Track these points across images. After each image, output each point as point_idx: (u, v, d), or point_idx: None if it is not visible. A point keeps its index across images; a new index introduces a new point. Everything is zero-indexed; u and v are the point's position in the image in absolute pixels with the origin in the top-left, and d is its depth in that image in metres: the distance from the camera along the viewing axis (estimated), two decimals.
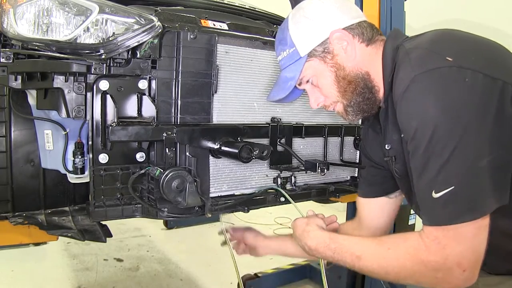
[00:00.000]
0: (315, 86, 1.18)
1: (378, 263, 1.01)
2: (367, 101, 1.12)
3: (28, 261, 3.51)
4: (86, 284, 3.19)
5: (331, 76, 1.12)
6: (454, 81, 0.88)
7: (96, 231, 1.48)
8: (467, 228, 0.88)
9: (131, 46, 1.22)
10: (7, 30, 1.17)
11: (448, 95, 0.88)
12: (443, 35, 1.01)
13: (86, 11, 1.18)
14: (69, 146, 1.43)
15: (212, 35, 1.38)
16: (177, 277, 3.40)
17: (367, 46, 1.12)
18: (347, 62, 1.11)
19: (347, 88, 1.12)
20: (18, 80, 1.25)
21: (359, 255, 1.04)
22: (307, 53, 1.13)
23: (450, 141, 0.87)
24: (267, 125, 1.55)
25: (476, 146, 0.87)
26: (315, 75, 1.15)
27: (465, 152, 0.87)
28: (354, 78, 1.11)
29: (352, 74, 1.11)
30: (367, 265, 1.03)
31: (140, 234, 4.42)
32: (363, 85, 1.11)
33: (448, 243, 0.90)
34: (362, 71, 1.11)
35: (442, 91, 0.89)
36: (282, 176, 1.61)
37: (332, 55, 1.11)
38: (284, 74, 1.20)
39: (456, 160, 0.87)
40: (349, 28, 1.11)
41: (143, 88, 1.30)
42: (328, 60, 1.12)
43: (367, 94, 1.12)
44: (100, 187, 1.31)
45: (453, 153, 0.87)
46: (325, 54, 1.12)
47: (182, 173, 1.29)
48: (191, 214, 1.40)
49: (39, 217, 1.51)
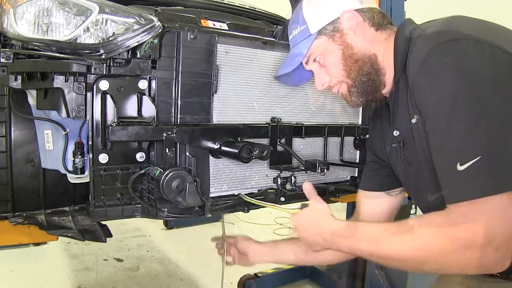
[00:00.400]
0: (321, 66, 1.19)
1: (399, 247, 0.92)
2: (371, 82, 1.13)
3: (28, 261, 3.50)
4: (86, 284, 3.19)
5: (338, 54, 1.14)
6: (472, 53, 0.86)
7: (96, 231, 1.48)
8: (497, 201, 0.80)
9: (131, 46, 1.22)
10: (7, 30, 1.17)
11: (468, 65, 0.86)
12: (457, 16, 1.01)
13: (86, 11, 1.18)
14: (69, 146, 1.43)
15: (212, 35, 1.38)
16: (177, 277, 3.40)
17: (377, 31, 1.14)
18: (355, 42, 1.12)
19: (353, 67, 1.13)
20: (18, 80, 1.25)
21: (377, 240, 0.95)
22: (317, 30, 1.15)
23: (474, 110, 0.82)
24: (267, 125, 1.55)
25: (501, 114, 0.82)
26: (322, 53, 1.17)
27: (490, 120, 0.82)
28: (360, 57, 1.12)
29: (359, 54, 1.12)
30: (387, 251, 0.94)
31: (140, 234, 4.42)
32: (370, 65, 1.12)
33: (476, 218, 0.81)
34: (369, 52, 1.12)
35: (462, 60, 0.86)
36: (282, 176, 1.61)
37: (341, 34, 1.13)
38: (293, 51, 1.23)
39: (481, 129, 0.82)
40: (360, 10, 1.14)
41: (143, 88, 1.30)
42: (337, 38, 1.14)
43: (372, 75, 1.12)
44: (100, 187, 1.31)
45: (478, 122, 0.82)
46: (334, 32, 1.14)
47: (182, 173, 1.29)
48: (191, 214, 1.40)
49: (39, 217, 1.51)
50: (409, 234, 0.91)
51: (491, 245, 0.81)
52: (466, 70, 0.86)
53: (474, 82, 0.84)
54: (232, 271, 1.69)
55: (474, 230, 0.82)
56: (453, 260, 0.85)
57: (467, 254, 0.83)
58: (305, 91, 1.66)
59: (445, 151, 0.87)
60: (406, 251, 0.91)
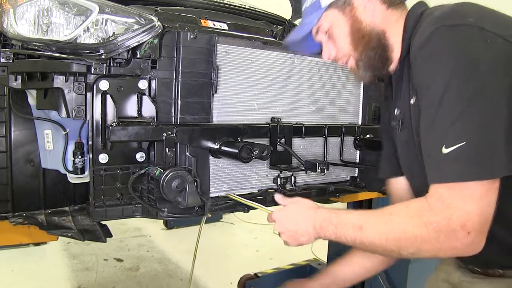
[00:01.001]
0: (330, 38, 1.20)
1: (379, 230, 0.95)
2: (379, 57, 1.13)
3: (28, 261, 3.51)
4: (86, 284, 3.20)
5: (346, 27, 1.14)
6: (474, 40, 0.87)
7: (96, 231, 1.48)
8: (475, 188, 0.83)
9: (131, 46, 1.22)
10: (7, 30, 1.17)
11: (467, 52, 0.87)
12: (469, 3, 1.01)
13: (86, 11, 1.18)
14: (69, 146, 1.43)
15: (212, 35, 1.38)
16: (177, 277, 3.41)
17: (388, 9, 1.14)
18: (365, 17, 1.12)
19: (360, 41, 1.13)
20: (18, 80, 1.25)
21: (360, 225, 0.99)
22: (329, 3, 1.16)
23: (465, 95, 0.84)
24: (267, 125, 1.55)
25: (492, 104, 0.83)
26: (332, 25, 1.17)
27: (480, 108, 0.83)
28: (368, 33, 1.12)
29: (368, 29, 1.12)
30: (369, 235, 0.97)
31: (140, 234, 4.42)
32: (377, 41, 1.12)
33: (452, 202, 0.84)
34: (378, 28, 1.12)
35: (461, 46, 0.87)
36: (282, 176, 1.61)
37: (351, 8, 1.14)
38: (304, 21, 1.24)
39: (470, 116, 0.83)
40: None
41: (143, 88, 1.30)
42: (347, 12, 1.14)
43: (379, 50, 1.12)
44: (100, 187, 1.31)
45: (467, 108, 0.83)
46: (345, 6, 1.14)
47: (182, 173, 1.29)
48: (191, 214, 1.40)
49: (39, 217, 1.51)
50: (388, 220, 0.95)
51: (463, 229, 0.83)
52: (464, 56, 0.87)
53: (470, 69, 0.85)
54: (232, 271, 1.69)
55: (448, 214, 0.85)
56: (428, 244, 0.88)
57: (440, 237, 0.86)
58: (305, 91, 1.66)
59: (433, 133, 0.89)
60: (384, 236, 0.94)
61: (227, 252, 4.08)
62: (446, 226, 0.85)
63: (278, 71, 1.57)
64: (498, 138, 0.83)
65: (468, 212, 0.84)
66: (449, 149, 0.84)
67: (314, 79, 1.69)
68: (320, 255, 3.78)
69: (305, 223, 1.11)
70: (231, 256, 3.97)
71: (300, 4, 1.27)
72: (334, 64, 1.75)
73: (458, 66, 0.86)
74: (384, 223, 0.96)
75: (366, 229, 0.98)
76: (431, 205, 0.88)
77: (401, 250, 0.93)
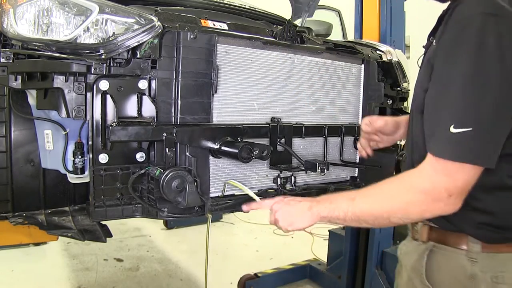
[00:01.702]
0: None
1: (371, 201, 1.03)
2: None
3: (28, 261, 3.51)
4: (86, 284, 3.19)
5: None
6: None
7: (96, 231, 1.49)
8: (467, 170, 0.92)
9: (131, 46, 1.22)
10: (7, 30, 1.17)
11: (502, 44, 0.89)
12: None
13: (86, 11, 1.18)
14: (69, 146, 1.43)
15: (212, 35, 1.38)
16: (177, 277, 3.41)
17: None
18: None
19: None
20: (18, 80, 1.25)
21: (353, 197, 1.06)
22: None
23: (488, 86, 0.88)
24: (267, 125, 1.55)
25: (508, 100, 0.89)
26: None
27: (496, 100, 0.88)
28: None
29: None
30: (360, 205, 1.04)
31: (140, 234, 4.42)
32: None
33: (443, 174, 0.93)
34: None
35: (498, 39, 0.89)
36: (282, 176, 1.61)
37: None
38: None
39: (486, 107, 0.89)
40: None
41: (143, 88, 1.30)
42: None
43: None
44: (100, 187, 1.31)
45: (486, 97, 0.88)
46: None
47: (182, 173, 1.29)
48: (191, 214, 1.40)
49: (39, 217, 1.51)
50: (379, 190, 1.03)
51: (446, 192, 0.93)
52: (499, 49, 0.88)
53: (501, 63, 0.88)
54: (232, 271, 1.69)
55: (436, 179, 0.94)
56: (415, 206, 0.97)
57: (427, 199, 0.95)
58: (305, 91, 1.66)
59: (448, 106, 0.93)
60: (376, 205, 1.02)
61: (227, 252, 4.07)
62: (432, 188, 0.94)
63: (278, 71, 1.57)
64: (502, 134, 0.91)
65: (454, 180, 0.93)
66: (458, 130, 0.90)
67: (314, 79, 1.69)
68: (320, 255, 3.78)
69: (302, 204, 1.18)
70: (231, 256, 3.97)
71: (300, 4, 1.25)
72: (334, 64, 1.75)
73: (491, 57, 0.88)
74: (374, 192, 1.04)
75: (358, 200, 1.05)
76: (422, 171, 0.96)
77: (390, 216, 1.01)
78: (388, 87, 2.00)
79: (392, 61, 2.00)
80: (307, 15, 2.19)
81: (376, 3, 2.67)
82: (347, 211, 1.06)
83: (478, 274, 1.04)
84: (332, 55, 1.74)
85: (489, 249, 1.04)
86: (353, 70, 1.82)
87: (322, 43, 1.75)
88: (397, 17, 2.71)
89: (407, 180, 0.99)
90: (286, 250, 4.19)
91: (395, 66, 2.00)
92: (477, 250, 1.04)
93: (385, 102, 1.99)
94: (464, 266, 1.05)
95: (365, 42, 2.18)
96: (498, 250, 1.04)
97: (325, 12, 3.72)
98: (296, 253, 3.99)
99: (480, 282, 1.03)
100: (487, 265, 1.04)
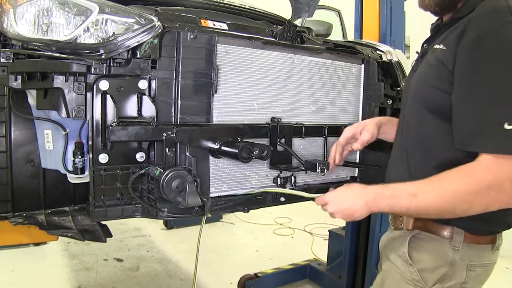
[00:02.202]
0: None
1: (434, 194, 1.04)
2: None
3: (28, 261, 3.51)
4: (86, 284, 3.19)
5: None
6: None
7: (96, 231, 1.49)
8: None
9: (131, 46, 1.22)
10: (7, 30, 1.17)
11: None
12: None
13: (86, 11, 1.18)
14: (69, 146, 1.43)
15: (212, 35, 1.38)
16: (177, 277, 3.41)
17: None
18: None
19: None
20: (18, 80, 1.25)
21: (415, 193, 1.06)
22: None
23: None
24: (267, 125, 1.55)
25: None
26: None
27: None
28: None
29: None
30: (423, 200, 1.05)
31: (140, 234, 4.42)
32: None
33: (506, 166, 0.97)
34: None
35: None
36: (282, 176, 1.61)
37: None
38: None
39: None
40: None
41: (143, 88, 1.30)
42: None
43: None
44: (100, 187, 1.31)
45: None
46: None
47: (182, 173, 1.29)
48: (191, 214, 1.40)
49: (39, 217, 1.51)
50: (441, 184, 1.04)
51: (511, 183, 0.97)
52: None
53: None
54: (232, 271, 1.69)
55: (500, 172, 0.97)
56: (479, 198, 1.00)
57: (491, 192, 0.98)
58: (305, 91, 1.66)
59: (497, 107, 0.97)
60: (439, 198, 1.03)
61: (227, 252, 4.07)
62: (497, 181, 0.97)
63: (278, 71, 1.57)
64: None
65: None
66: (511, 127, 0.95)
67: (314, 79, 1.69)
68: (320, 255, 3.78)
69: (358, 199, 1.17)
70: (231, 256, 3.97)
71: (300, 4, 1.27)
72: (334, 64, 1.75)
73: None
74: (438, 187, 1.04)
75: (420, 196, 1.06)
76: (484, 165, 0.99)
77: (455, 209, 1.03)
78: (388, 87, 2.00)
79: (392, 61, 2.00)
80: (307, 15, 2.19)
81: (376, 3, 2.67)
82: (409, 207, 1.07)
83: (457, 261, 1.14)
84: (332, 55, 1.74)
85: (470, 239, 1.14)
86: (353, 70, 1.83)
87: (322, 43, 1.75)
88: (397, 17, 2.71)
89: (471, 175, 1.00)
90: (286, 250, 4.19)
91: (395, 66, 2.00)
92: (460, 240, 1.14)
93: (385, 102, 1.99)
94: (446, 253, 1.15)
95: (365, 42, 2.18)
96: (477, 241, 1.14)
97: (325, 12, 3.72)
98: (296, 253, 3.99)
99: (457, 267, 1.14)
100: (466, 254, 1.14)
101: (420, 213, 1.10)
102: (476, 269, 1.15)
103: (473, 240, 1.14)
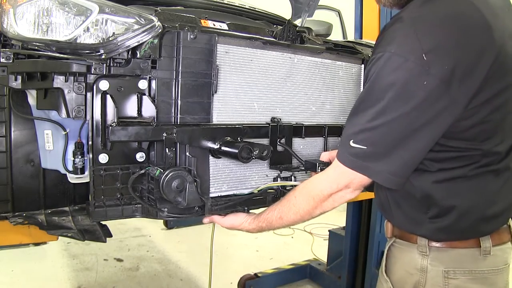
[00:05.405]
0: None
1: (293, 212, 1.23)
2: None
3: (28, 261, 3.51)
4: (86, 284, 3.20)
5: None
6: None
7: (96, 231, 1.49)
8: (358, 177, 1.09)
9: (131, 46, 1.22)
10: (7, 30, 1.17)
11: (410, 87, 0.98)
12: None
13: (86, 11, 1.18)
14: (69, 146, 1.43)
15: (212, 35, 1.38)
16: (177, 277, 3.41)
17: None
18: None
19: None
20: (18, 80, 1.25)
21: (281, 217, 1.27)
22: None
23: (391, 112, 0.99)
24: (267, 125, 1.55)
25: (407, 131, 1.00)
26: None
27: (396, 129, 1.00)
28: None
29: None
30: (289, 220, 1.25)
31: (140, 234, 4.42)
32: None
33: (344, 176, 1.11)
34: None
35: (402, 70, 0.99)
36: (282, 176, 1.61)
37: None
38: None
39: (383, 132, 1.01)
40: None
41: (143, 88, 1.30)
42: None
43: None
44: (100, 187, 1.31)
45: (386, 124, 1.00)
46: None
47: (182, 173, 1.29)
48: (191, 214, 1.40)
49: (39, 217, 1.51)
50: (295, 201, 1.23)
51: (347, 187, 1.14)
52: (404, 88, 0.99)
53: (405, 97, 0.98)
54: (232, 271, 1.69)
55: (339, 184, 1.13)
56: (328, 204, 1.18)
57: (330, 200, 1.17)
58: (305, 91, 1.66)
59: (354, 123, 1.08)
60: (298, 214, 1.23)
61: (227, 252, 4.07)
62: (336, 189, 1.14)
63: (278, 71, 1.57)
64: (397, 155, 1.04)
65: (351, 179, 1.11)
66: (355, 145, 1.05)
67: (314, 79, 1.69)
68: (320, 255, 3.78)
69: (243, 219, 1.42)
70: (231, 256, 3.97)
71: (300, 4, 1.28)
72: (334, 64, 1.75)
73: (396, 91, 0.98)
74: (293, 204, 1.24)
75: (284, 217, 1.26)
76: (328, 174, 1.17)
77: (314, 217, 1.23)
78: None
79: None
80: (307, 15, 2.19)
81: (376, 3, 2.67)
82: (280, 227, 1.30)
83: (428, 267, 1.12)
84: (332, 55, 1.74)
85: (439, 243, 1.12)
86: (353, 70, 1.83)
87: (322, 43, 1.75)
88: None
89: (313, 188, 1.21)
90: (286, 250, 4.19)
91: None
92: (425, 244, 1.13)
93: None
94: (415, 259, 1.14)
95: (365, 42, 2.18)
96: (450, 245, 1.11)
97: (325, 12, 3.73)
98: (296, 253, 4.00)
99: (431, 275, 1.11)
100: (438, 259, 1.11)
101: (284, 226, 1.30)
102: (460, 277, 1.08)
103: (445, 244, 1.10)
